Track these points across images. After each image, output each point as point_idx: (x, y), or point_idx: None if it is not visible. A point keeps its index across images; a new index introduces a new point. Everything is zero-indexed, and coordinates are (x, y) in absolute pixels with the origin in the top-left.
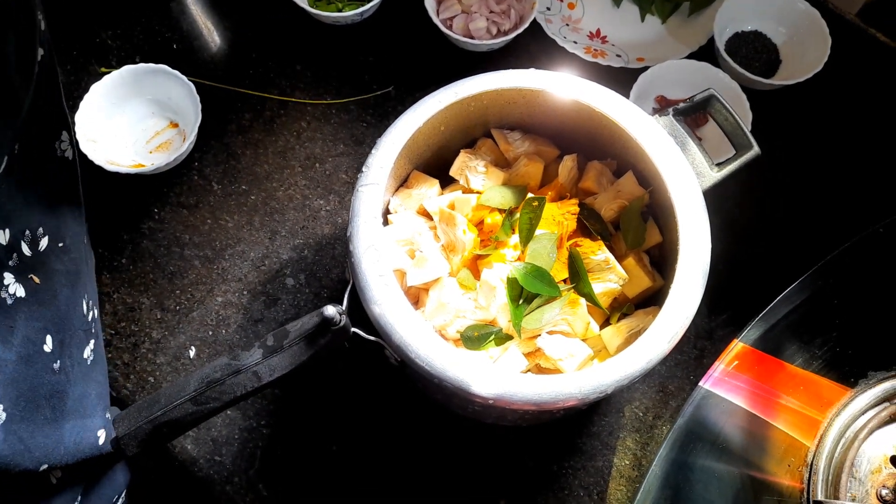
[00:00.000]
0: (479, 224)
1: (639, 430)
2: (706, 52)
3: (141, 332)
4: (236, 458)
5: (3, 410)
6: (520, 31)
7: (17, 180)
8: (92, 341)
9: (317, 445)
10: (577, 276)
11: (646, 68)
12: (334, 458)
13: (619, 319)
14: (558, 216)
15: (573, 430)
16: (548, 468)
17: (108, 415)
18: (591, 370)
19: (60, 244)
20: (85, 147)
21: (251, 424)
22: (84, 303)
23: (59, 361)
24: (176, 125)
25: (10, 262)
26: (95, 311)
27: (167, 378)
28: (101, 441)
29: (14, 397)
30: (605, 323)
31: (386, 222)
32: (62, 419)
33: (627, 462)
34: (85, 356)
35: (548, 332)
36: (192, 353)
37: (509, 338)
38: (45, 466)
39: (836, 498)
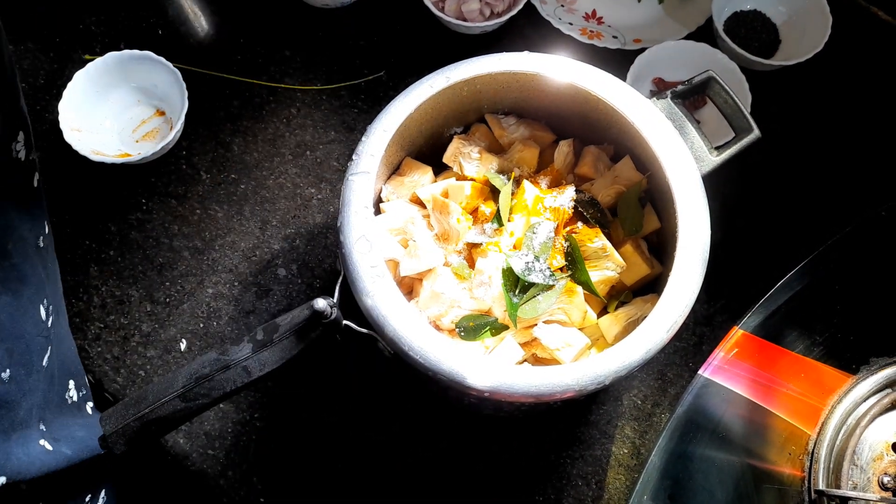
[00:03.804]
0: (474, 212)
1: (637, 418)
2: (705, 33)
3: (130, 325)
4: (230, 451)
5: None
6: (513, 12)
7: None
8: (49, 348)
9: (311, 438)
10: (574, 263)
11: (643, 50)
12: (329, 450)
13: (616, 308)
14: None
15: (571, 419)
16: (545, 458)
17: (42, 426)
18: (588, 361)
19: None
20: (69, 137)
21: (244, 418)
22: (42, 309)
23: (8, 371)
24: (162, 113)
25: None
26: (54, 318)
27: (158, 372)
28: (49, 449)
29: None
30: (602, 311)
31: (378, 211)
32: (10, 430)
33: (626, 451)
34: (44, 363)
35: (544, 322)
36: (183, 345)
37: (505, 328)
38: (3, 480)
39: (838, 486)
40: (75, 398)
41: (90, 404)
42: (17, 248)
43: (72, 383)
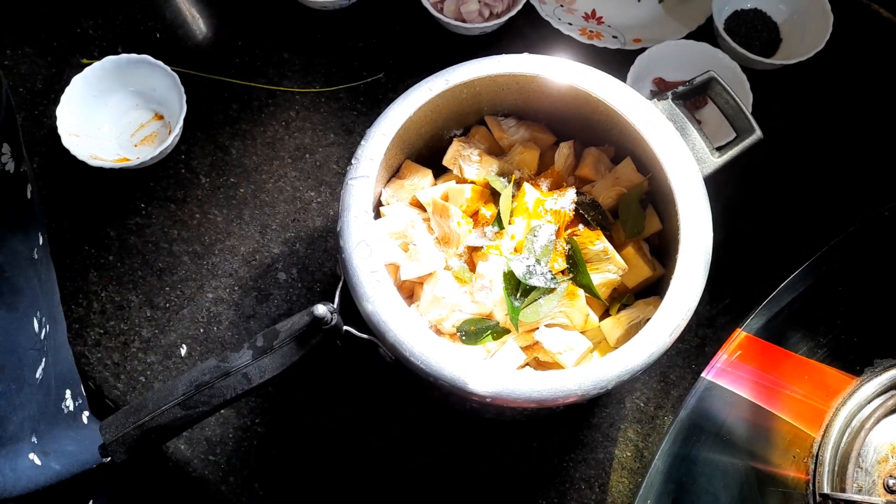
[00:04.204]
0: (474, 215)
1: (640, 420)
2: (705, 32)
3: (130, 330)
4: (231, 457)
5: None
6: (513, 13)
7: None
8: (43, 360)
9: (312, 443)
10: (576, 266)
11: (643, 49)
12: (330, 456)
13: (618, 310)
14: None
15: (573, 422)
16: (548, 462)
17: (34, 438)
18: (590, 365)
19: None
20: (67, 142)
21: (245, 423)
22: (35, 321)
23: None
24: (161, 117)
25: None
26: (48, 329)
27: (158, 377)
28: (38, 464)
29: None
30: (604, 314)
31: (378, 214)
32: None
33: (629, 453)
34: (37, 376)
35: (546, 325)
36: (183, 351)
37: (507, 331)
38: None
39: (843, 489)
40: (71, 408)
41: (86, 413)
42: (10, 260)
43: (68, 393)
